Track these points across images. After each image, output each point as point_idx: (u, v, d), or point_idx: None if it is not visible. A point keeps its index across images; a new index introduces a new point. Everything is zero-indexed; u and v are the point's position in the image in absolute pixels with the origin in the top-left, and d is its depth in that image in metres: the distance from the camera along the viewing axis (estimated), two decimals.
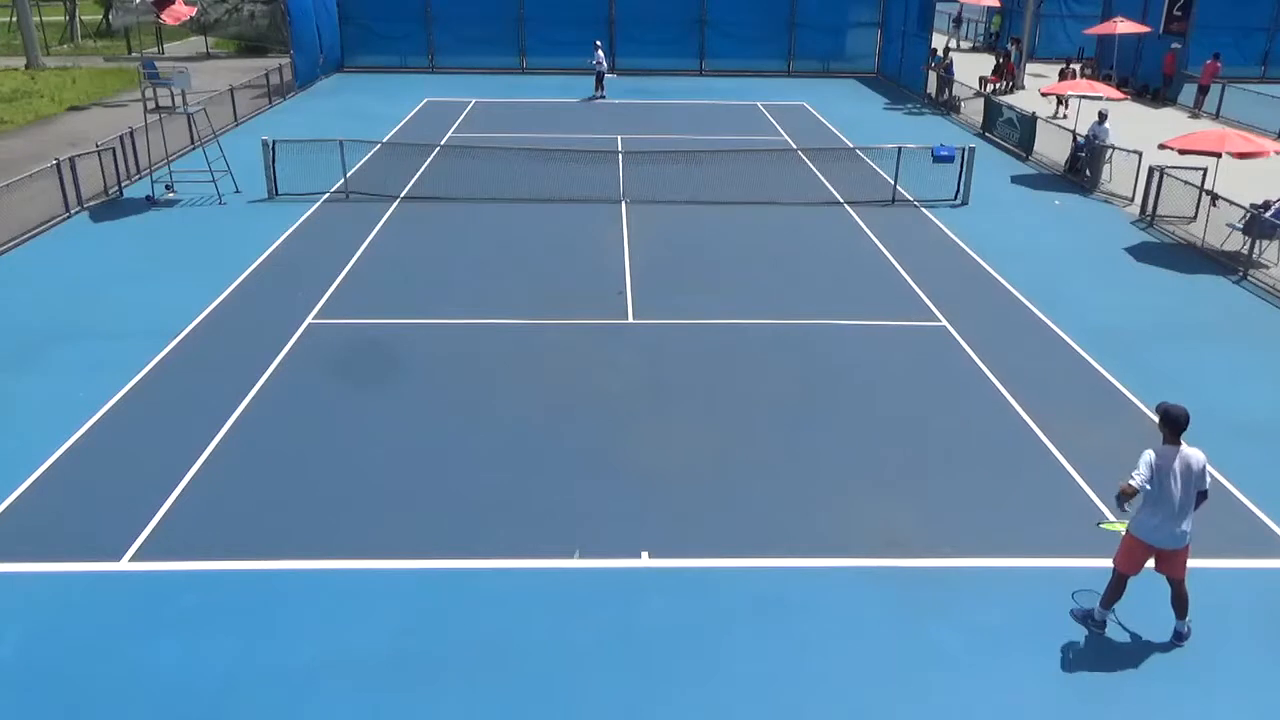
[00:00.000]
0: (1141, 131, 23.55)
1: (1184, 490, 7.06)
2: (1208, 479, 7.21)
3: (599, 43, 31.42)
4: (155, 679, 6.95)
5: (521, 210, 18.55)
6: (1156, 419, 7.34)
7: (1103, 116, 20.83)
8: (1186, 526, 7.14)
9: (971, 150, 19.80)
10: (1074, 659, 7.31)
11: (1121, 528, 7.58)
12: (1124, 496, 7.05)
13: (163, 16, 21.47)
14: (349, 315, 13.51)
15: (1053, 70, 34.92)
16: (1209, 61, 30.17)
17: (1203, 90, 30.29)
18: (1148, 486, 7.04)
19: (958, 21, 49.43)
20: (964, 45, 47.66)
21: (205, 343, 12.53)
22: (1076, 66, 33.96)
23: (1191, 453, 7.18)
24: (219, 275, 14.74)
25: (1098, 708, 6.87)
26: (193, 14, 26.60)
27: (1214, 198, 17.04)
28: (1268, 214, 15.90)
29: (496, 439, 10.30)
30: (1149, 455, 7.11)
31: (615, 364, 12.14)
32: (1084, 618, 7.65)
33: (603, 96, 31.22)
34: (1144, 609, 7.62)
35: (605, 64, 31.47)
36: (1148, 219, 18.43)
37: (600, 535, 8.69)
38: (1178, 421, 7.13)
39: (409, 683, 6.98)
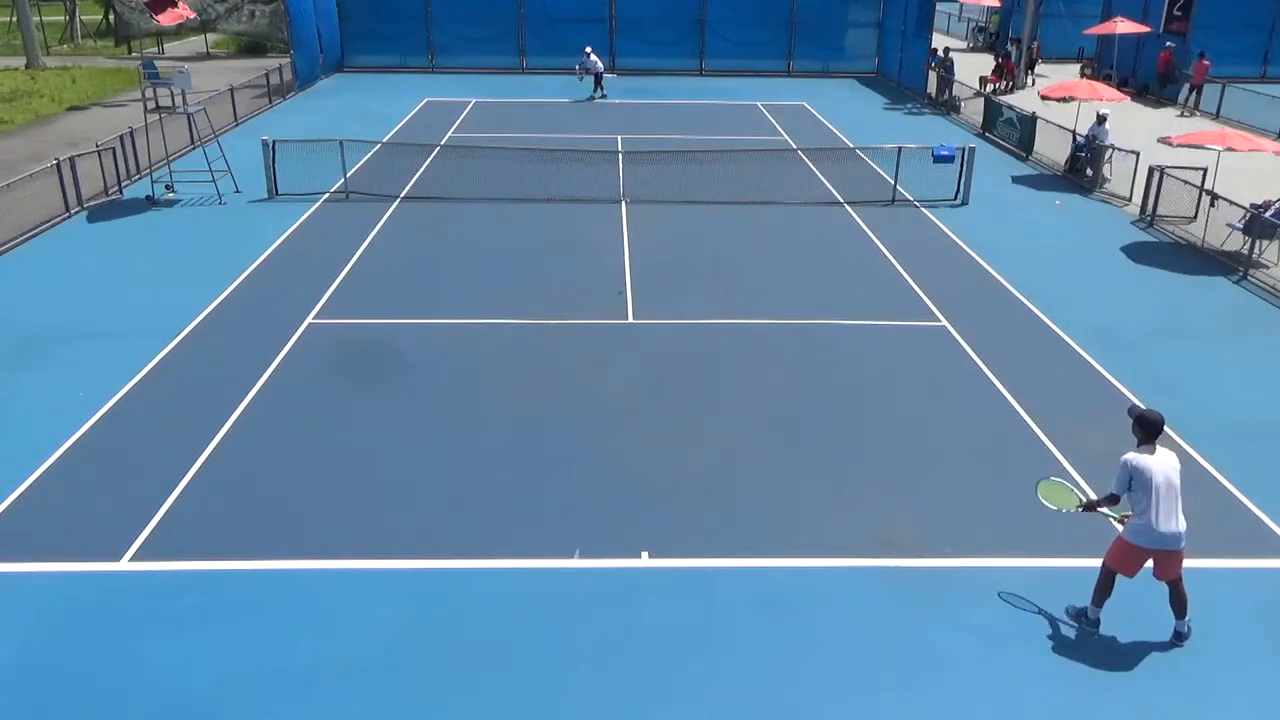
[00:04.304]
0: (1141, 131, 23.55)
1: (1168, 489, 7.11)
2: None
3: (589, 49, 31.41)
4: (155, 679, 6.95)
5: (521, 210, 18.56)
6: (1131, 422, 7.40)
7: (1102, 118, 20.83)
8: (1179, 527, 7.14)
9: (971, 150, 19.80)
10: (1074, 659, 7.30)
11: (1070, 503, 7.58)
12: (1091, 509, 7.42)
13: (159, 18, 21.45)
14: (349, 315, 13.51)
15: (1053, 70, 34.95)
16: (1197, 60, 30.16)
17: (1195, 89, 30.27)
18: (1129, 491, 7.17)
19: (981, 29, 48.79)
20: (963, 45, 47.45)
21: (205, 343, 12.53)
22: (1035, 45, 34.54)
23: (1169, 454, 7.28)
24: (219, 275, 14.75)
25: (1097, 708, 6.86)
26: (192, 15, 26.56)
27: (1214, 198, 17.03)
28: (1268, 214, 15.90)
29: (496, 439, 10.30)
30: (1128, 460, 7.20)
31: (615, 364, 12.14)
32: (1077, 616, 7.65)
33: (603, 95, 31.22)
34: (1143, 609, 7.62)
35: (600, 64, 31.43)
36: (1148, 219, 18.43)
37: (600, 535, 8.69)
38: (1155, 426, 7.28)
39: (408, 682, 6.98)
